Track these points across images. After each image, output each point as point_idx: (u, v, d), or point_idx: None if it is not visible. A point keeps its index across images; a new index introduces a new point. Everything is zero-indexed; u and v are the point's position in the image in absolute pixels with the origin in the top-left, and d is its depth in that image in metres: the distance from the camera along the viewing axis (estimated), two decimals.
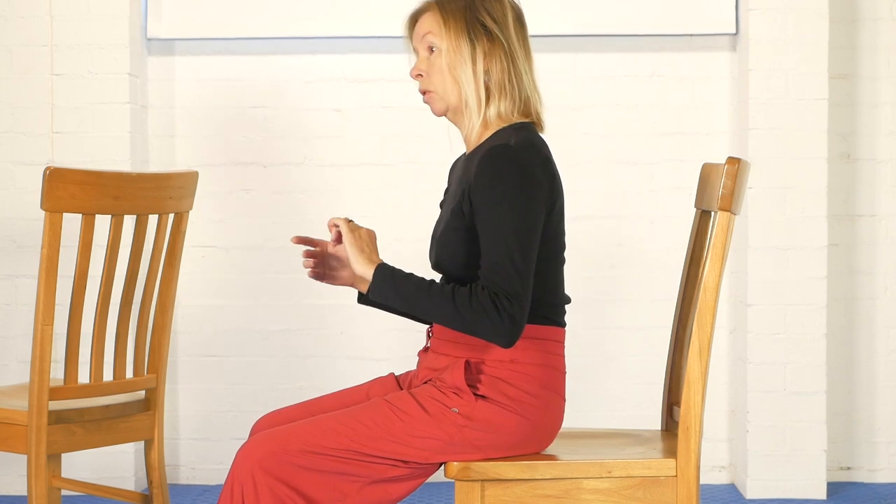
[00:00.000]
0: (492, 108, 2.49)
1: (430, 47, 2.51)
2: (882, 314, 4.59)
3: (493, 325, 2.34)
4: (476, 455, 2.45)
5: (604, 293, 4.57)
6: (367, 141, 4.57)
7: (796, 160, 4.35)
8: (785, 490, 4.36)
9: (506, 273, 2.35)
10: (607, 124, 4.56)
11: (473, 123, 2.50)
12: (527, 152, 2.41)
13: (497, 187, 2.37)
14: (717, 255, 2.46)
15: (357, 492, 2.42)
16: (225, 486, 2.39)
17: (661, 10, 4.48)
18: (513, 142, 2.41)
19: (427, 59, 2.52)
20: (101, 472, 4.38)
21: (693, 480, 2.45)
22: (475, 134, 2.51)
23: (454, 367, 2.46)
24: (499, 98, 2.49)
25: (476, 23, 2.48)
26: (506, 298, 2.34)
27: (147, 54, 4.55)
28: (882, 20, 4.54)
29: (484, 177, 2.39)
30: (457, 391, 2.44)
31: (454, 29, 2.48)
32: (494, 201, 2.37)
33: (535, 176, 2.40)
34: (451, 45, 2.48)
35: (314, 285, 4.56)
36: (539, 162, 2.43)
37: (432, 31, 2.49)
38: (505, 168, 2.38)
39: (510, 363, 2.46)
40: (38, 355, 2.90)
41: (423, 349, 2.61)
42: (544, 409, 2.47)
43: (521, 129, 2.48)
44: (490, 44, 2.48)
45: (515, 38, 2.51)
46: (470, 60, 2.47)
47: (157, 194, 3.09)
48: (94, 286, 3.26)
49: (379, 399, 2.47)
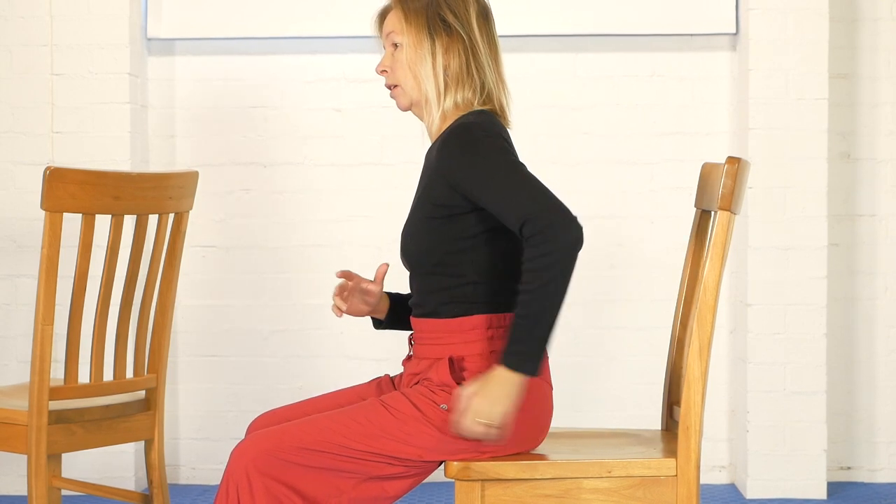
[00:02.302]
0: (448, 99, 2.53)
1: (394, 44, 2.56)
2: (882, 314, 4.59)
3: (567, 249, 2.30)
4: (472, 452, 2.45)
5: (604, 293, 4.57)
6: (367, 141, 4.57)
7: (796, 160, 4.35)
8: (785, 490, 4.36)
9: (529, 202, 2.32)
10: (607, 124, 4.56)
11: (433, 116, 2.54)
12: (487, 126, 2.44)
13: (472, 153, 2.40)
14: (717, 254, 2.46)
15: (353, 488, 2.43)
16: (221, 486, 2.40)
17: (660, 9, 4.49)
18: (472, 121, 2.45)
19: (391, 56, 2.57)
20: (101, 472, 4.38)
21: (693, 480, 2.45)
22: (436, 126, 2.55)
23: (438, 365, 2.47)
24: (455, 89, 2.52)
25: (436, 18, 2.52)
26: (548, 213, 2.30)
27: (147, 54, 4.55)
28: (882, 20, 4.54)
29: (453, 153, 2.42)
30: (444, 388, 2.45)
31: (415, 25, 2.52)
32: (475, 164, 2.40)
33: (501, 137, 2.43)
34: (411, 41, 2.52)
35: (314, 285, 4.56)
36: (502, 135, 2.45)
37: (395, 29, 2.55)
38: (470, 138, 2.41)
39: (490, 355, 2.47)
40: (38, 355, 2.91)
41: (406, 358, 2.62)
42: (530, 397, 2.47)
43: (480, 114, 2.51)
44: (449, 38, 2.52)
45: (478, 33, 2.54)
46: (430, 55, 2.51)
47: (157, 194, 3.09)
48: (94, 286, 3.26)
49: (373, 399, 2.49)
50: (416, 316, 2.56)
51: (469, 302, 2.48)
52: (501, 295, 2.49)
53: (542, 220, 2.30)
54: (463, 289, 2.48)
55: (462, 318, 2.48)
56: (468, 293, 2.48)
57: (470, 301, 2.48)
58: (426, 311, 2.53)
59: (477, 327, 2.47)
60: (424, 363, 2.52)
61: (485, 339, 2.47)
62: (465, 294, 2.48)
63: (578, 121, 4.56)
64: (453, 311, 2.49)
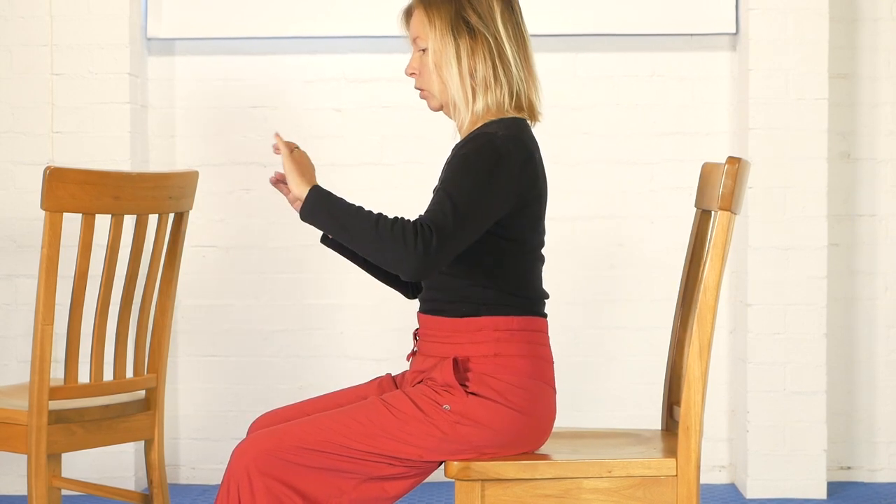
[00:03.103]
0: (479, 104, 2.51)
1: (421, 49, 2.55)
2: (882, 314, 4.59)
3: (405, 250, 2.30)
4: (473, 453, 2.45)
5: (604, 293, 4.57)
6: (367, 141, 4.57)
7: (796, 160, 4.35)
8: (785, 490, 4.36)
9: (442, 210, 2.34)
10: (607, 124, 4.56)
11: (463, 119, 2.53)
12: (511, 143, 2.43)
13: (467, 158, 2.40)
14: (717, 254, 2.46)
15: (354, 488, 2.43)
16: (221, 486, 2.40)
17: (661, 9, 4.48)
18: (500, 133, 2.44)
19: (419, 59, 2.56)
20: (101, 472, 4.38)
21: (693, 480, 2.45)
22: (466, 126, 2.54)
23: (443, 365, 2.47)
24: (484, 94, 2.51)
25: (460, 20, 2.50)
26: (429, 229, 2.31)
27: (147, 54, 4.55)
28: (882, 20, 4.54)
29: (459, 154, 2.43)
30: (448, 388, 2.45)
31: (438, 29, 2.51)
32: (459, 167, 2.40)
33: (509, 163, 2.41)
34: (436, 46, 2.51)
35: (314, 285, 4.56)
36: (520, 157, 2.43)
37: (419, 34, 2.53)
38: (482, 148, 2.41)
39: (494, 357, 2.46)
40: (38, 355, 2.90)
41: (410, 353, 2.62)
42: (534, 401, 2.47)
43: (511, 125, 2.49)
44: (473, 41, 2.50)
45: (503, 29, 2.52)
46: (455, 60, 2.50)
47: (157, 194, 3.09)
48: (94, 286, 3.25)
49: (374, 398, 2.48)
50: (424, 311, 2.56)
51: (477, 303, 2.48)
52: (510, 299, 2.49)
53: (425, 229, 2.31)
54: (472, 290, 2.48)
55: (469, 319, 2.48)
56: (477, 294, 2.48)
57: (478, 302, 2.48)
58: (433, 307, 2.53)
59: (484, 328, 2.47)
60: (431, 361, 2.52)
61: (491, 341, 2.47)
62: (475, 295, 2.48)
63: (578, 121, 4.56)
64: (461, 310, 2.48)
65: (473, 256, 2.46)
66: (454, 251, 2.34)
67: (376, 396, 2.50)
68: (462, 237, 2.34)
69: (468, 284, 2.48)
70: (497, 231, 2.45)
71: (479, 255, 2.46)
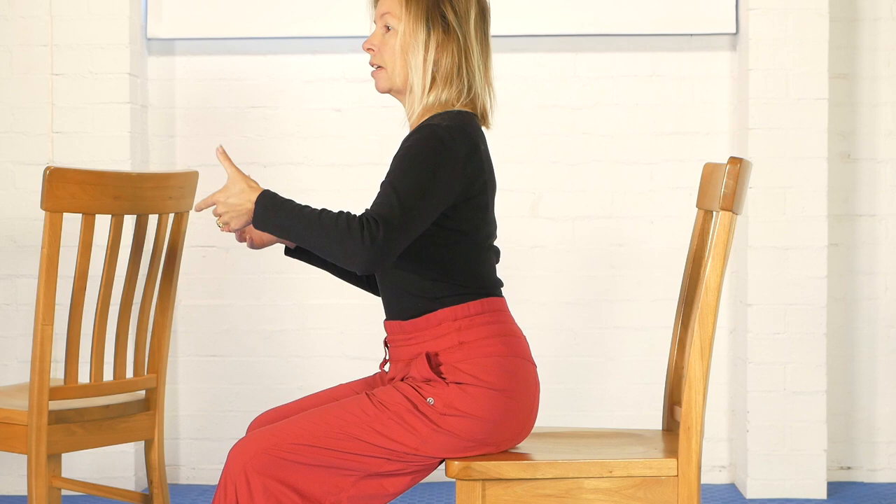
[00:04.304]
0: (432, 96, 2.53)
1: (386, 26, 2.55)
2: (882, 314, 4.59)
3: (352, 243, 2.31)
4: (469, 444, 2.46)
5: (604, 293, 4.57)
6: (367, 141, 4.57)
7: (796, 160, 4.35)
8: (785, 490, 4.36)
9: (388, 202, 2.35)
10: (607, 124, 4.56)
11: (414, 107, 2.55)
12: (455, 133, 2.44)
13: (411, 150, 2.41)
14: (718, 254, 2.46)
15: (352, 485, 2.43)
16: (219, 485, 2.40)
17: (661, 9, 4.49)
18: (444, 125, 2.45)
19: (381, 36, 2.56)
20: (101, 472, 4.38)
21: (694, 480, 2.45)
22: (415, 116, 2.55)
23: (417, 361, 2.48)
24: (442, 87, 2.53)
25: (436, 12, 2.52)
26: (375, 222, 2.32)
27: (147, 54, 4.55)
28: (882, 20, 4.54)
29: (404, 146, 2.44)
30: (427, 382, 2.46)
31: (414, 14, 2.52)
32: (404, 158, 2.41)
33: (453, 154, 2.42)
34: (407, 29, 2.52)
35: (314, 285, 4.56)
36: (465, 147, 2.44)
37: (391, 11, 2.54)
38: (426, 140, 2.42)
39: (460, 346, 2.48)
40: (38, 355, 2.90)
41: (382, 362, 2.64)
42: (511, 377, 2.48)
43: (456, 116, 2.50)
44: (445, 35, 2.52)
45: (474, 35, 2.54)
46: (423, 47, 2.52)
47: (157, 194, 3.09)
48: (94, 286, 3.26)
49: (363, 394, 2.50)
50: (387, 318, 2.59)
51: (431, 297, 2.50)
52: (462, 289, 2.50)
53: (370, 222, 2.31)
54: (423, 284, 2.50)
55: (429, 316, 2.49)
56: (429, 288, 2.49)
57: (432, 297, 2.50)
58: (393, 313, 2.56)
59: (444, 321, 2.49)
60: (401, 364, 2.54)
61: (453, 332, 2.49)
62: (427, 289, 2.50)
63: (578, 121, 4.56)
64: (417, 307, 2.50)
65: (422, 250, 2.48)
66: (402, 243, 2.36)
67: (365, 392, 2.52)
68: (409, 228, 2.36)
69: (419, 279, 2.50)
70: (444, 223, 2.46)
71: (427, 248, 2.48)
